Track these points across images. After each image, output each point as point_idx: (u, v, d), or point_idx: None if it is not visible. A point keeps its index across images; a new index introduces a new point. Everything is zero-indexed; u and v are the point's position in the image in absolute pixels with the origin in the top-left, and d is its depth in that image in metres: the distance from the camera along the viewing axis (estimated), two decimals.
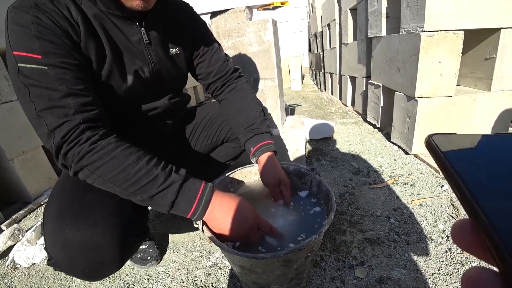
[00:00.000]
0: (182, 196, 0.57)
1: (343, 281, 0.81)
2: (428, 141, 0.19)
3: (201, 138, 0.96)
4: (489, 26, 1.33)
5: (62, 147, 0.52)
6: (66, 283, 0.91)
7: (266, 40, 1.29)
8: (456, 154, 0.18)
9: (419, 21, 1.33)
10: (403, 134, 1.62)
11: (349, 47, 2.62)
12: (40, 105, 0.50)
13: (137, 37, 0.65)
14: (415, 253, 0.88)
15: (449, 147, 0.18)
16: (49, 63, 0.50)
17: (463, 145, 0.19)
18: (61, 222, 0.56)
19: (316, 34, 4.44)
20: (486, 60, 1.48)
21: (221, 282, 0.85)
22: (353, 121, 2.41)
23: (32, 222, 1.31)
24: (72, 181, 0.63)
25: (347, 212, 1.12)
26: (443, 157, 0.18)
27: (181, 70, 0.81)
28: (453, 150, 0.18)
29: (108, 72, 0.62)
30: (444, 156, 0.18)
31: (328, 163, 1.59)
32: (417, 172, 1.39)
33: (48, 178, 1.55)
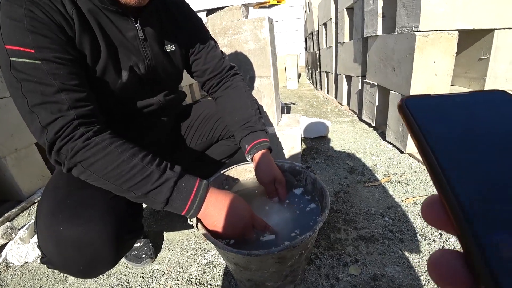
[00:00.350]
0: (176, 193, 0.57)
1: (338, 278, 0.82)
2: (400, 106, 0.18)
3: (196, 136, 0.96)
4: (483, 26, 1.35)
5: (56, 143, 0.51)
6: (60, 282, 0.90)
7: (262, 38, 1.28)
8: (427, 119, 0.17)
9: (414, 20, 1.34)
10: (397, 133, 1.63)
11: (345, 46, 2.63)
12: (33, 100, 0.50)
13: (132, 33, 0.65)
14: (408, 251, 0.89)
15: (421, 111, 0.17)
16: (42, 58, 0.50)
17: (436, 108, 0.18)
18: (55, 219, 0.55)
19: (312, 33, 4.45)
20: (480, 60, 1.50)
21: (216, 280, 0.85)
22: (349, 120, 2.42)
23: (25, 220, 1.30)
24: (66, 178, 0.62)
25: (342, 210, 1.12)
26: (414, 123, 0.17)
27: (177, 67, 0.80)
28: (425, 115, 0.17)
29: (103, 67, 0.61)
30: (415, 122, 0.17)
31: (323, 161, 1.60)
32: (411, 170, 1.40)
33: (41, 176, 1.54)
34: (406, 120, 0.18)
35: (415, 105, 0.18)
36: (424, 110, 0.17)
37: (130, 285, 0.87)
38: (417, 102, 0.18)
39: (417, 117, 0.17)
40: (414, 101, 0.18)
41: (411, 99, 0.18)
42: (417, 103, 0.18)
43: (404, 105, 0.18)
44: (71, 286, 0.88)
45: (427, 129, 0.16)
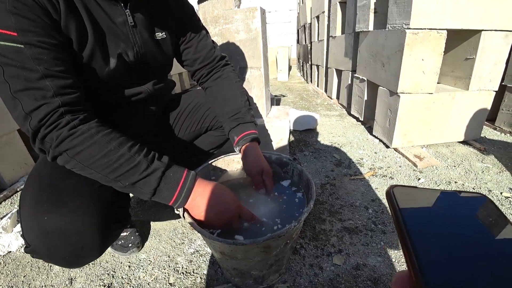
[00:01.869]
0: (164, 184, 0.56)
1: (321, 267, 0.84)
2: (388, 193, 0.20)
3: (185, 126, 0.95)
4: (471, 27, 1.38)
5: (40, 131, 0.50)
6: (44, 271, 0.89)
7: (254, 29, 1.27)
8: (410, 212, 0.19)
9: (405, 18, 1.36)
10: (384, 128, 1.66)
11: (337, 40, 2.64)
12: (15, 86, 0.48)
13: (121, 19, 0.63)
14: (390, 242, 0.93)
15: (406, 203, 0.19)
16: (25, 42, 0.48)
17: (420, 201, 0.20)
18: (39, 208, 0.54)
19: (305, 26, 4.42)
20: (466, 60, 1.53)
21: (202, 269, 0.87)
22: (337, 114, 2.45)
23: (8, 209, 1.27)
24: (50, 166, 0.61)
25: (328, 202, 1.15)
26: (398, 213, 0.19)
27: (167, 55, 0.79)
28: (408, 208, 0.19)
29: (90, 54, 0.59)
30: (400, 213, 0.19)
31: (311, 154, 1.62)
32: (396, 165, 1.44)
33: (24, 164, 1.50)
34: (392, 207, 0.19)
35: (401, 195, 0.20)
36: (408, 201, 0.19)
37: (117, 274, 0.87)
38: (403, 192, 0.20)
39: (401, 207, 0.19)
40: (401, 191, 0.20)
41: (398, 188, 0.20)
42: (403, 193, 0.20)
43: (391, 193, 0.20)
44: (56, 275, 0.88)
45: (408, 221, 0.18)
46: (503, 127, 1.80)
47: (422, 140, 1.60)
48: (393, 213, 0.19)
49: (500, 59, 1.49)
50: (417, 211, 0.19)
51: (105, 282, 0.84)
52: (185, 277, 0.84)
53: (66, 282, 0.85)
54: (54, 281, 0.86)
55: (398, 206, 0.19)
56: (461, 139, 1.64)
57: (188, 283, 0.82)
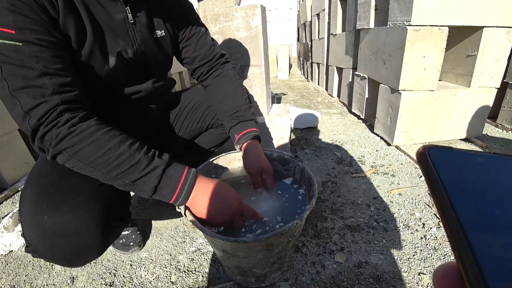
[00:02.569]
0: (165, 181, 0.56)
1: (323, 265, 0.84)
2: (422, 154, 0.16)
3: (185, 124, 0.95)
4: (473, 24, 1.37)
5: (39, 129, 0.49)
6: (46, 270, 0.89)
7: (254, 26, 1.27)
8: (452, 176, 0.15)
9: (406, 14, 1.35)
10: (385, 126, 1.66)
11: (337, 38, 2.63)
12: (14, 84, 0.47)
13: (121, 16, 0.63)
14: (392, 239, 0.92)
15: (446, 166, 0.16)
16: (23, 39, 0.47)
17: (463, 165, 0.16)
18: (39, 207, 0.54)
19: (305, 24, 4.41)
20: (468, 57, 1.52)
21: (204, 267, 0.86)
22: (338, 112, 2.44)
23: (9, 208, 1.27)
24: (50, 165, 0.61)
25: (329, 199, 1.15)
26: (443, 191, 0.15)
27: (167, 53, 0.78)
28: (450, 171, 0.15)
29: (89, 51, 0.59)
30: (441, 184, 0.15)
31: (312, 152, 1.61)
32: (398, 162, 1.44)
33: (25, 164, 1.50)
34: (427, 171, 0.16)
35: (439, 158, 0.16)
36: (449, 165, 0.16)
37: (118, 273, 0.87)
38: (440, 154, 0.16)
39: (441, 172, 0.15)
40: (438, 153, 0.16)
41: (434, 149, 0.16)
42: (441, 156, 0.16)
43: (426, 154, 0.16)
44: (58, 274, 0.88)
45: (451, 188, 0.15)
46: (505, 125, 1.79)
47: (424, 137, 1.59)
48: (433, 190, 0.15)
49: (502, 56, 1.48)
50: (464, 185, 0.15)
51: (107, 281, 0.84)
52: (186, 276, 0.84)
53: (68, 281, 0.85)
54: (55, 280, 0.86)
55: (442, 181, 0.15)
56: (463, 137, 1.64)
57: (190, 281, 0.82)
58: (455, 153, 0.16)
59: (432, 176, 0.15)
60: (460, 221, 0.13)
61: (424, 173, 0.16)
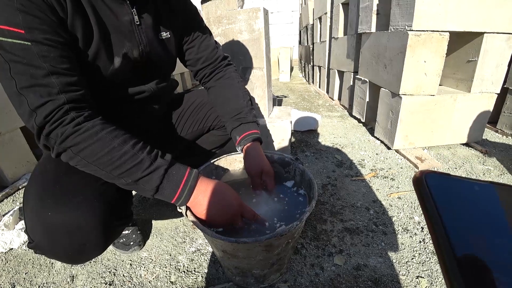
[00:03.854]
0: (167, 181, 0.57)
1: (322, 267, 0.84)
2: (418, 179, 0.16)
3: (187, 125, 0.96)
4: (473, 29, 1.38)
5: (45, 127, 0.50)
6: (46, 268, 0.90)
7: (257, 29, 1.28)
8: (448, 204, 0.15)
9: (407, 19, 1.36)
10: (386, 130, 1.66)
11: (339, 41, 2.64)
12: (21, 83, 0.48)
13: (128, 18, 0.64)
14: (391, 243, 0.93)
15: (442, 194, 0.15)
16: (32, 39, 0.48)
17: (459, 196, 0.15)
18: (43, 203, 0.55)
19: (307, 27, 4.43)
20: (468, 62, 1.53)
21: (203, 268, 0.87)
22: (339, 115, 2.45)
23: (10, 206, 1.27)
24: (54, 163, 0.61)
25: (329, 202, 1.15)
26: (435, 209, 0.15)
27: (171, 54, 0.79)
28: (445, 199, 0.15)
29: (95, 52, 0.60)
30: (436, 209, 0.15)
31: (312, 154, 1.62)
32: (397, 166, 1.44)
33: (26, 162, 1.50)
34: (422, 197, 0.15)
35: (436, 184, 0.16)
36: (445, 193, 0.15)
37: (118, 272, 0.87)
38: (437, 180, 0.16)
39: (437, 199, 0.15)
40: (435, 179, 0.16)
41: (432, 175, 0.16)
42: (438, 182, 0.16)
43: (423, 180, 0.16)
44: (58, 272, 0.88)
45: (446, 216, 0.14)
46: (505, 130, 1.80)
47: (424, 142, 1.60)
48: (428, 217, 0.15)
49: (502, 62, 1.49)
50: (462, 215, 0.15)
51: (107, 280, 0.84)
52: (186, 276, 0.84)
53: (68, 280, 0.85)
54: (55, 278, 0.86)
55: (437, 209, 0.15)
56: (463, 141, 1.64)
57: (189, 281, 0.82)
58: (452, 180, 0.16)
59: (428, 203, 0.15)
60: (454, 252, 0.13)
61: (420, 199, 0.16)
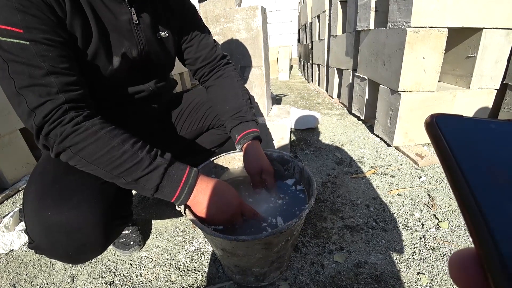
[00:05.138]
0: (166, 180, 0.57)
1: (323, 265, 0.84)
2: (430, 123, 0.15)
3: (186, 124, 0.96)
4: (472, 25, 1.37)
5: (44, 127, 0.50)
6: (46, 269, 0.90)
7: (255, 28, 1.27)
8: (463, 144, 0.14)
9: (406, 16, 1.36)
10: (385, 127, 1.66)
11: (338, 39, 2.63)
12: (20, 82, 0.48)
13: (126, 17, 0.64)
14: (391, 240, 0.93)
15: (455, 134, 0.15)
16: (31, 39, 0.48)
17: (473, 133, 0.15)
18: (42, 204, 0.54)
19: (305, 25, 4.42)
20: (467, 58, 1.53)
21: (203, 266, 0.87)
22: (338, 113, 2.45)
23: (10, 208, 1.27)
24: (54, 163, 0.61)
25: (329, 200, 1.15)
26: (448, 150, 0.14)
27: (170, 54, 0.79)
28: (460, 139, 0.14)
29: (94, 51, 0.60)
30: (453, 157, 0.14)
31: (312, 152, 1.62)
32: (397, 163, 1.44)
33: (26, 163, 1.50)
34: (435, 139, 0.15)
35: (447, 125, 0.15)
36: (458, 134, 0.15)
37: (118, 272, 0.87)
38: (449, 122, 0.15)
39: (449, 139, 0.14)
40: (446, 121, 0.15)
41: (442, 117, 0.16)
42: (449, 124, 0.15)
43: (434, 123, 0.15)
44: (58, 273, 0.88)
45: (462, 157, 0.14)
46: None
47: (424, 138, 1.60)
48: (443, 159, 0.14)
49: (502, 58, 1.49)
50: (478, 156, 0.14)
51: (107, 280, 0.84)
52: (186, 275, 0.84)
53: (68, 280, 0.85)
54: (56, 279, 0.86)
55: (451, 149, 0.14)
56: None
57: (190, 280, 0.82)
58: (465, 121, 0.16)
59: (440, 144, 0.15)
60: (472, 191, 0.12)
61: (433, 142, 0.15)
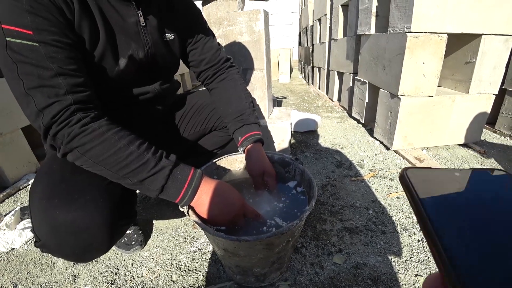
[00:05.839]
0: (171, 182, 0.58)
1: (322, 266, 0.85)
2: (402, 176, 0.18)
3: (189, 125, 0.97)
4: (471, 31, 1.39)
5: (52, 127, 0.51)
6: (48, 268, 0.90)
7: (257, 31, 1.29)
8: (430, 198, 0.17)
9: (406, 21, 1.37)
10: (385, 130, 1.68)
11: (339, 43, 2.65)
12: (29, 83, 0.49)
13: (133, 19, 0.65)
14: (390, 242, 0.94)
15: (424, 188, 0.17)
16: (40, 40, 0.49)
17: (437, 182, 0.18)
18: (50, 203, 0.55)
19: (307, 28, 4.45)
20: (466, 64, 1.55)
21: (204, 267, 0.88)
22: (338, 116, 2.46)
23: (11, 206, 1.28)
24: (60, 162, 0.62)
25: (329, 202, 1.16)
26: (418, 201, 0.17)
27: (175, 55, 0.80)
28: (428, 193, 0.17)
29: (101, 53, 0.61)
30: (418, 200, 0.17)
31: (312, 155, 1.63)
32: (396, 166, 1.45)
33: (27, 162, 1.51)
34: (407, 190, 0.18)
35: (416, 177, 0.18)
36: (425, 184, 0.18)
37: (120, 272, 0.88)
38: (418, 174, 0.18)
39: (418, 190, 0.17)
40: (415, 173, 0.18)
41: (412, 170, 0.18)
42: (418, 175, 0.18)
43: (405, 175, 0.18)
44: (60, 272, 0.89)
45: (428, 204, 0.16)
46: (503, 130, 1.81)
47: (423, 142, 1.61)
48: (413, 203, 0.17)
49: (500, 63, 1.50)
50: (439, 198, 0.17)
51: (108, 279, 0.85)
52: (187, 275, 0.85)
53: (70, 279, 0.86)
54: (57, 277, 0.87)
55: (418, 196, 0.17)
56: (461, 142, 1.65)
57: (191, 280, 0.83)
58: (433, 171, 0.19)
59: (410, 195, 0.17)
60: (438, 234, 0.15)
61: (405, 191, 0.18)
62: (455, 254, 0.14)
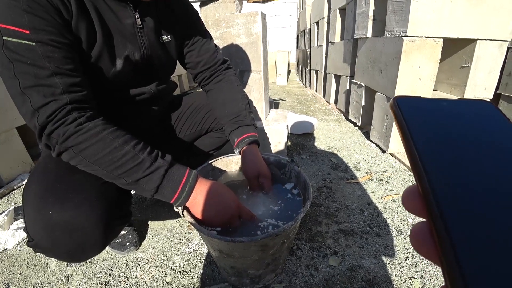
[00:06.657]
0: (167, 182, 0.58)
1: (317, 268, 0.85)
2: (392, 104, 0.19)
3: (185, 126, 0.97)
4: (467, 36, 1.41)
5: (47, 126, 0.51)
6: (41, 269, 0.90)
7: (254, 33, 1.29)
8: (417, 119, 0.18)
9: (402, 25, 1.39)
10: (381, 133, 1.69)
11: (336, 46, 2.67)
12: (25, 82, 0.49)
13: (130, 21, 0.65)
14: (385, 244, 0.94)
15: (412, 111, 0.18)
16: (37, 40, 0.49)
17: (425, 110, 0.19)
18: (44, 202, 0.55)
19: (304, 31, 4.47)
20: (462, 68, 1.57)
21: (199, 268, 0.87)
22: (335, 119, 2.48)
23: (4, 207, 1.27)
24: (55, 162, 0.62)
25: (324, 204, 1.16)
26: (404, 122, 0.18)
27: (171, 57, 0.81)
28: (414, 115, 0.18)
29: (98, 54, 0.61)
30: (405, 122, 0.18)
31: (308, 157, 1.64)
32: (392, 169, 1.46)
33: (22, 162, 1.50)
34: (396, 118, 0.19)
35: (406, 105, 0.19)
36: (414, 111, 0.18)
37: (114, 273, 0.87)
38: (408, 102, 0.19)
39: (407, 117, 0.18)
40: (405, 101, 0.19)
41: (402, 99, 0.19)
42: (408, 104, 0.19)
43: (395, 104, 0.19)
44: (53, 273, 0.88)
45: (415, 129, 0.17)
46: None
47: None
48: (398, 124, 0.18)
49: (495, 68, 1.52)
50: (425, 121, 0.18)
51: (102, 280, 0.84)
52: (182, 276, 0.85)
53: (63, 280, 0.85)
54: (50, 278, 0.86)
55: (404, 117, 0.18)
56: None
57: (185, 282, 0.83)
58: (422, 101, 0.19)
59: (400, 122, 0.18)
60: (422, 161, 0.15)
61: (395, 119, 0.19)
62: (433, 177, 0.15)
